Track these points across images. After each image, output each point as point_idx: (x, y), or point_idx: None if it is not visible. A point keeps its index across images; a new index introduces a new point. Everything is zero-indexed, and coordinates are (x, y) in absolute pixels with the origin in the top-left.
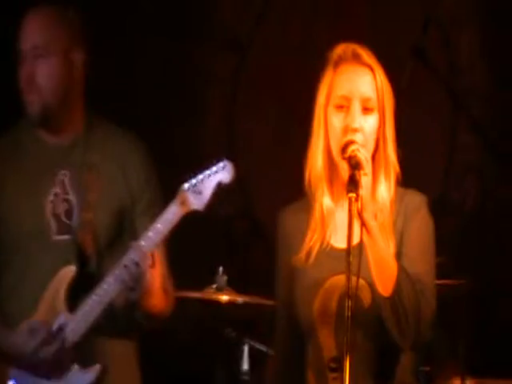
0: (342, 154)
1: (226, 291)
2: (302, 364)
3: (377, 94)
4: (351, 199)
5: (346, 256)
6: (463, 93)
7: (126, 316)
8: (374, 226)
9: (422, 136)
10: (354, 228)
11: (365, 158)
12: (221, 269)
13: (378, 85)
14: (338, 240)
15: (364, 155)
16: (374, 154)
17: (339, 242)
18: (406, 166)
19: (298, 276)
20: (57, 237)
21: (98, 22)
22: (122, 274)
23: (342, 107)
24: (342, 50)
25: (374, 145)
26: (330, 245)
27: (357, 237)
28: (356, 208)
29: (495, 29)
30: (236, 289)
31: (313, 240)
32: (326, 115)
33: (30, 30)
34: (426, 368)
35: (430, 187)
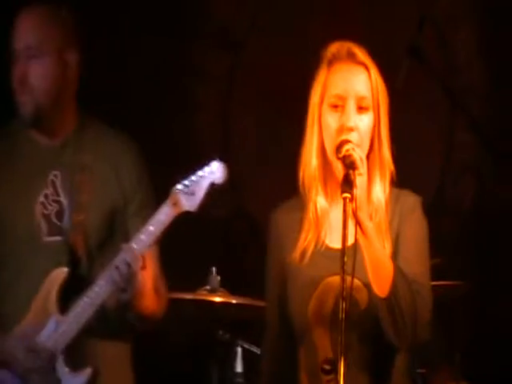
0: (337, 153)
1: (219, 292)
2: (292, 365)
3: (372, 93)
4: (346, 200)
5: (340, 256)
6: (460, 91)
7: (117, 318)
8: (370, 226)
9: (419, 135)
10: (349, 228)
11: (359, 157)
12: (214, 269)
13: (373, 84)
14: (333, 240)
15: (359, 155)
16: (368, 154)
17: (334, 242)
18: (402, 165)
19: (292, 276)
20: (47, 238)
21: (91, 21)
22: (113, 276)
23: (337, 106)
24: (336, 48)
25: (369, 144)
26: (326, 245)
27: (352, 237)
28: (351, 208)
29: (492, 27)
30: (229, 290)
31: (307, 240)
32: (320, 114)
33: (23, 29)
34: (422, 370)
35: (426, 187)
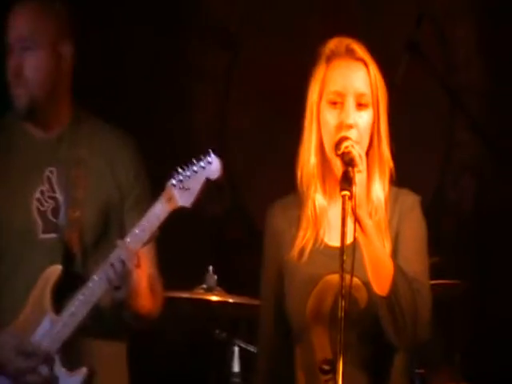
0: (336, 150)
1: (216, 291)
2: (288, 364)
3: (371, 90)
4: (345, 197)
5: (339, 255)
6: (460, 89)
7: (113, 316)
8: (369, 224)
9: (418, 134)
10: (349, 226)
11: (359, 154)
12: (211, 268)
13: (372, 80)
14: (332, 238)
15: (358, 152)
16: (368, 151)
17: (334, 240)
18: (401, 164)
19: (290, 273)
20: (43, 235)
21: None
22: (107, 273)
23: (336, 103)
24: (334, 44)
25: (368, 141)
26: (324, 243)
27: (351, 235)
28: (350, 206)
29: (491, 24)
30: (226, 289)
31: (305, 238)
32: (318, 111)
33: (17, 22)
34: (421, 371)
35: (426, 186)
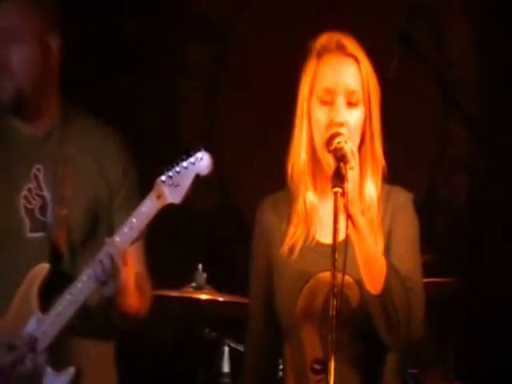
0: (328, 146)
1: (206, 290)
2: (277, 362)
3: (362, 86)
4: (337, 194)
5: (331, 252)
6: (453, 86)
7: (101, 316)
8: (362, 221)
9: (411, 130)
10: (341, 223)
11: (351, 150)
12: (200, 266)
13: (364, 76)
14: (324, 235)
15: (350, 148)
16: (360, 148)
17: (325, 238)
18: (393, 161)
19: (280, 270)
20: (31, 234)
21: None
22: (96, 270)
23: (326, 100)
24: (325, 40)
25: (360, 138)
26: (316, 240)
27: (343, 232)
28: (343, 202)
29: (486, 21)
30: (216, 287)
31: (296, 235)
32: (309, 108)
33: (3, 12)
34: (414, 371)
35: (418, 183)
